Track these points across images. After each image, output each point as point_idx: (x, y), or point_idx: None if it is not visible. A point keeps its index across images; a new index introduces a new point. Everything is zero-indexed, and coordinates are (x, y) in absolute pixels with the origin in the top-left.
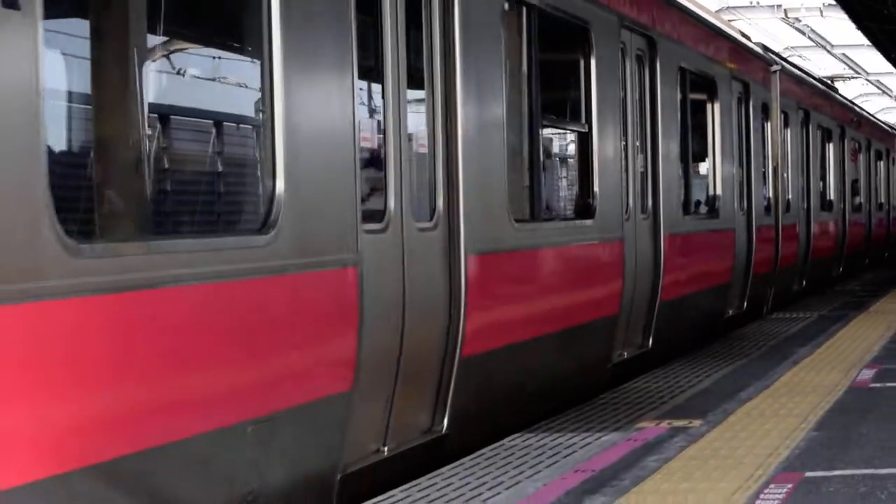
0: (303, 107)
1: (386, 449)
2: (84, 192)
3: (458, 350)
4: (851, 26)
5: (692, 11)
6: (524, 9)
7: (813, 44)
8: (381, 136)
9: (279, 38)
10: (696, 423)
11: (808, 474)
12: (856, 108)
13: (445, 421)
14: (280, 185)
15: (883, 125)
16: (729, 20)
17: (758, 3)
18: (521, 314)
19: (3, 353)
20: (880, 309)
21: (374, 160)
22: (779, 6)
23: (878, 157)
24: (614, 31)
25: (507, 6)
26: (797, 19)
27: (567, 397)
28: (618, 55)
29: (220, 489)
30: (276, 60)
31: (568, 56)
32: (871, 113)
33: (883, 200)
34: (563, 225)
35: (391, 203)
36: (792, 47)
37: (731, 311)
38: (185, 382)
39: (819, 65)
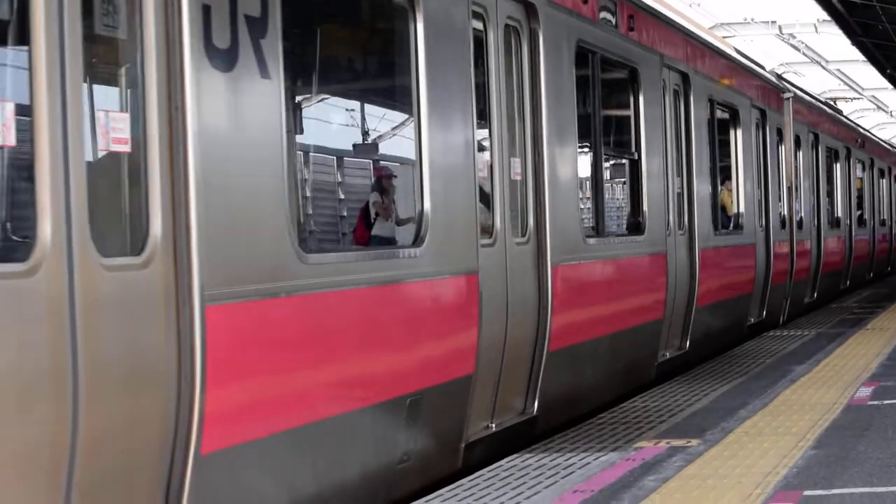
0: (439, 148)
1: (493, 425)
2: (307, 215)
3: (546, 344)
4: (846, 42)
5: (719, 48)
6: (589, 55)
7: (808, 60)
8: (490, 168)
9: (425, 102)
10: (695, 442)
11: (807, 493)
12: (860, 129)
13: (535, 405)
14: (427, 206)
15: (885, 144)
16: (723, 36)
17: (752, 19)
18: (591, 315)
19: (264, 333)
20: (878, 326)
21: (485, 187)
22: (773, 22)
23: (881, 175)
24: (657, 70)
25: (577, 54)
26: (792, 35)
27: (625, 390)
28: (660, 90)
29: (387, 449)
30: (423, 116)
31: (621, 93)
32: (868, 129)
33: (885, 217)
34: (621, 240)
35: (497, 222)
36: (787, 63)
37: (752, 319)
38: (370, 361)
39: (814, 81)
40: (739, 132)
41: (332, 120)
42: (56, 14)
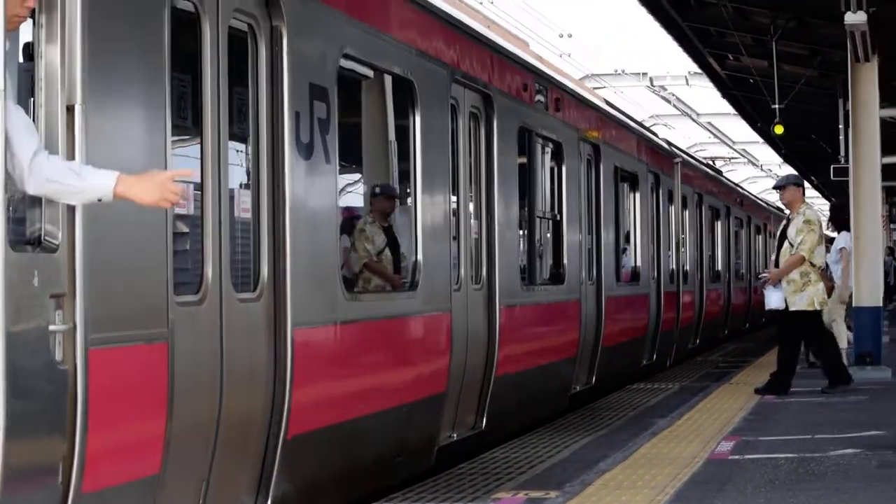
0: (428, 211)
1: (455, 435)
2: (347, 271)
3: (494, 371)
4: (717, 95)
5: (625, 122)
6: (526, 133)
7: (678, 112)
8: (457, 227)
9: (420, 177)
10: (553, 494)
11: None
12: (739, 189)
13: (484, 421)
14: (420, 258)
15: (761, 203)
16: (594, 87)
17: (623, 71)
18: (526, 350)
19: (323, 350)
20: (742, 380)
21: (454, 244)
22: (644, 74)
23: (757, 231)
24: (576, 144)
25: (518, 133)
26: (663, 87)
27: (545, 415)
28: (578, 161)
29: (391, 445)
30: (418, 187)
31: (549, 163)
32: (738, 183)
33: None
34: (547, 288)
35: (462, 273)
36: (657, 115)
37: (644, 361)
38: (385, 375)
39: (684, 133)
40: (638, 195)
41: (361, 191)
42: (217, 123)
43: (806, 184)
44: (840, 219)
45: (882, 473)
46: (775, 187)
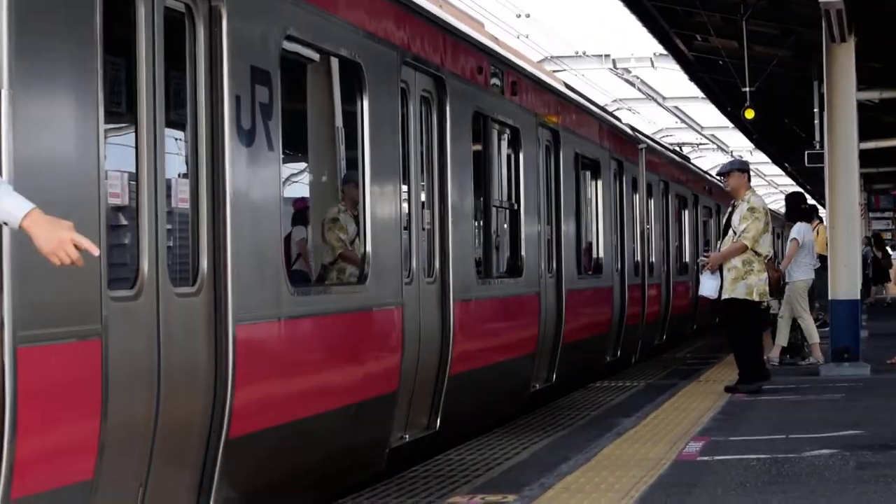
0: (377, 202)
1: (407, 436)
2: (294, 265)
3: (448, 369)
4: (685, 78)
5: (586, 107)
6: (481, 118)
7: (644, 96)
8: (408, 218)
9: (368, 166)
10: (511, 497)
11: None
12: (708, 176)
13: (438, 421)
14: (369, 250)
15: None
16: (553, 71)
17: (584, 52)
18: (482, 346)
19: (266, 347)
20: (711, 378)
21: (405, 235)
22: (607, 56)
23: None
24: (534, 130)
25: (473, 118)
26: (626, 70)
27: (503, 415)
28: (536, 147)
29: (335, 450)
30: (367, 177)
31: (505, 150)
32: (706, 170)
33: None
34: (504, 281)
35: (414, 265)
36: (621, 99)
37: (608, 358)
38: (332, 374)
39: (650, 118)
40: (600, 182)
41: (307, 180)
42: (153, 108)
43: (778, 171)
44: (796, 209)
45: (860, 475)
46: (719, 174)
